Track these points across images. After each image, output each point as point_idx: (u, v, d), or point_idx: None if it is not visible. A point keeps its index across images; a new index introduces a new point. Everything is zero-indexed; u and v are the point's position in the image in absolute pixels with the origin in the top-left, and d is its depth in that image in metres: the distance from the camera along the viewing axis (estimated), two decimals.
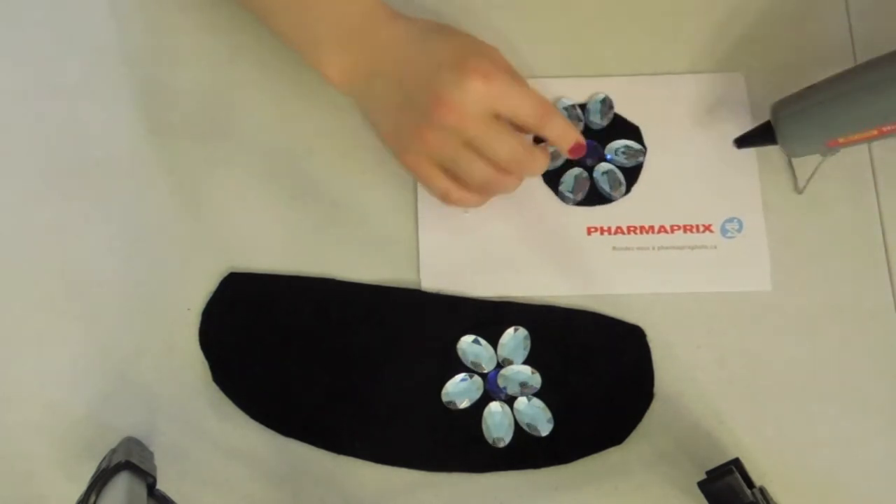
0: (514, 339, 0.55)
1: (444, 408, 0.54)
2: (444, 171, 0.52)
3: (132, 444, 0.52)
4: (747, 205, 0.57)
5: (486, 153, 0.51)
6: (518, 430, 0.54)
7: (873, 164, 0.58)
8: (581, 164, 0.58)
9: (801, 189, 0.57)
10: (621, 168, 0.58)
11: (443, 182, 0.53)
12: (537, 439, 0.54)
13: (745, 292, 0.56)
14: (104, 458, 0.50)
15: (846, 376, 0.55)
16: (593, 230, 0.57)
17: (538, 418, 0.54)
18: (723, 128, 0.58)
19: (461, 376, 0.55)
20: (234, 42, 0.60)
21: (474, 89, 0.48)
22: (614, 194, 0.57)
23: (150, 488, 0.47)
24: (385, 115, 0.53)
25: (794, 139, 0.52)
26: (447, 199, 0.54)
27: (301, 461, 0.54)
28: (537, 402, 0.54)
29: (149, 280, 0.56)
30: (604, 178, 0.58)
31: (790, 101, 0.52)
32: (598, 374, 0.55)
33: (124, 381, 0.55)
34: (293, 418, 0.54)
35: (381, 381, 0.55)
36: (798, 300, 0.56)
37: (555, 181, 0.58)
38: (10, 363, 0.55)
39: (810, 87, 0.51)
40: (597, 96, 0.59)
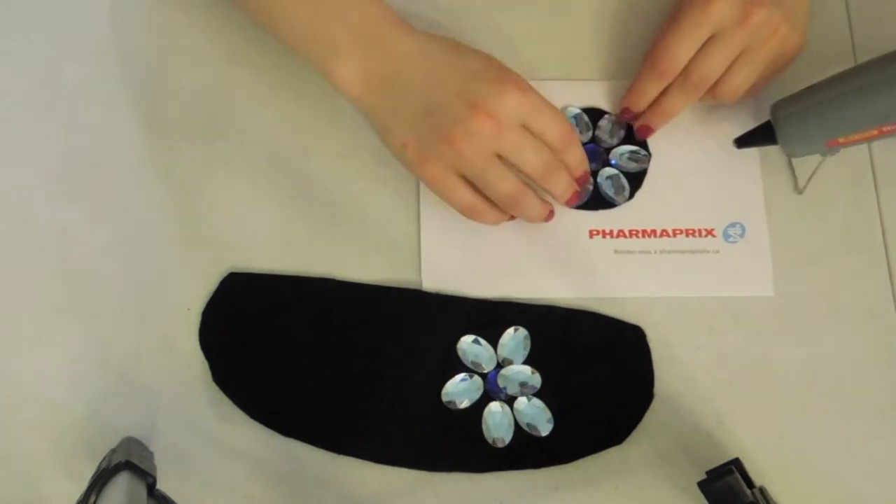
0: (514, 339, 0.55)
1: (444, 408, 0.54)
2: (468, 184, 0.52)
3: (132, 444, 0.52)
4: (750, 210, 0.57)
5: (518, 162, 0.51)
6: (518, 430, 0.54)
7: (873, 164, 0.58)
8: None
9: (802, 189, 0.57)
10: (625, 173, 0.58)
11: (468, 195, 0.52)
12: (537, 439, 0.54)
13: (747, 296, 0.56)
14: (104, 458, 0.50)
15: (846, 376, 0.55)
16: (595, 233, 0.57)
17: (538, 418, 0.54)
18: (726, 133, 0.57)
19: (461, 376, 0.55)
20: (234, 42, 0.60)
21: (512, 99, 0.49)
22: (618, 199, 0.57)
23: (150, 488, 0.47)
24: (405, 123, 0.51)
25: (795, 139, 0.52)
26: (472, 214, 0.53)
27: (301, 461, 0.54)
28: (537, 402, 0.54)
29: (149, 280, 0.57)
30: (608, 182, 0.57)
31: (790, 101, 0.52)
32: (598, 374, 0.55)
33: (124, 381, 0.55)
34: (293, 418, 0.54)
35: (381, 381, 0.55)
36: (798, 300, 0.56)
37: None
38: (10, 363, 0.55)
39: (810, 87, 0.51)
40: (608, 116, 0.58)
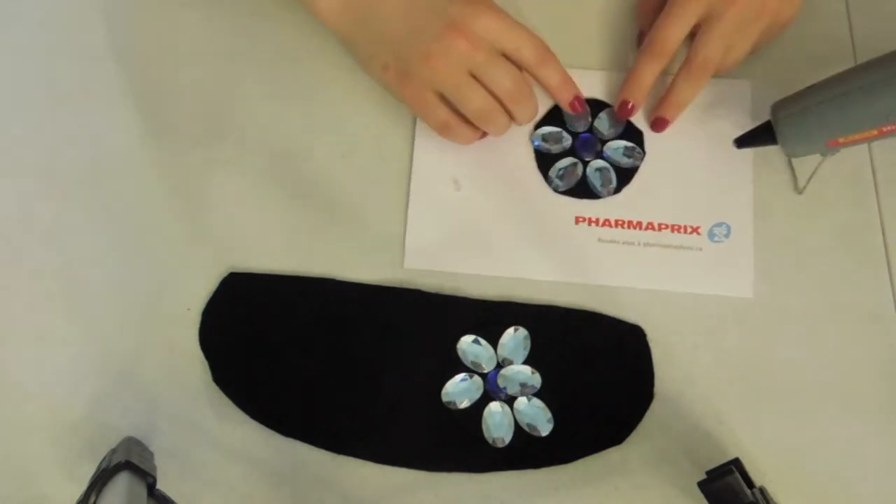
0: (514, 339, 0.55)
1: (444, 408, 0.54)
2: (445, 103, 0.54)
3: (132, 444, 0.52)
4: (738, 211, 0.57)
5: (490, 82, 0.53)
6: (518, 430, 0.54)
7: (873, 164, 0.58)
8: (578, 157, 0.58)
9: (802, 189, 0.57)
10: (616, 167, 0.58)
11: (443, 111, 0.54)
12: (537, 439, 0.54)
13: (726, 296, 0.56)
14: (104, 458, 0.50)
15: (846, 376, 0.55)
16: (581, 220, 0.57)
17: (538, 418, 0.54)
18: (724, 133, 0.58)
19: (461, 376, 0.55)
20: (234, 42, 0.60)
21: (486, 20, 0.52)
22: (603, 192, 0.57)
23: (150, 488, 0.47)
24: (385, 46, 0.54)
25: (795, 139, 0.52)
26: (445, 131, 0.55)
27: (301, 461, 0.54)
28: (537, 402, 0.54)
29: (149, 280, 0.57)
30: (596, 174, 0.58)
31: (790, 101, 0.52)
32: (598, 374, 0.55)
33: (124, 381, 0.55)
34: (293, 418, 0.54)
35: (381, 380, 0.55)
36: (798, 300, 0.56)
37: (546, 166, 0.58)
38: (10, 363, 0.55)
39: (810, 87, 0.51)
40: (608, 108, 0.59)
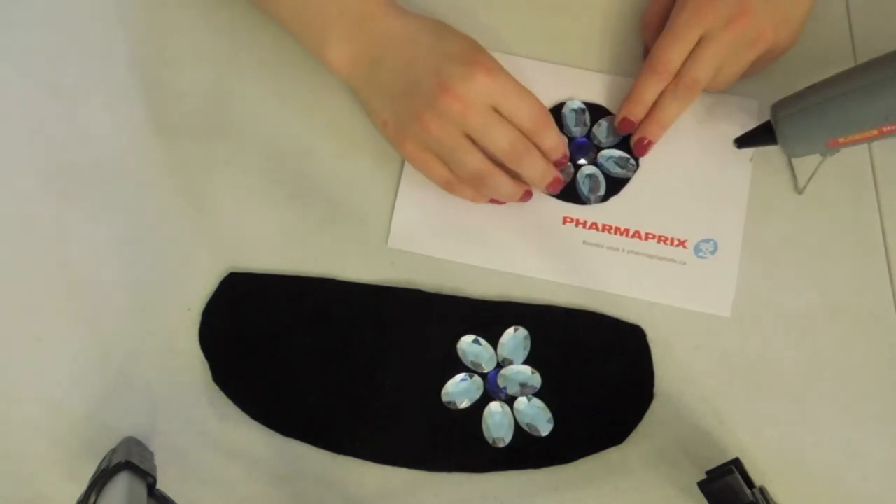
0: (514, 339, 0.55)
1: (444, 408, 0.54)
2: (443, 162, 0.54)
3: (132, 444, 0.52)
4: (728, 229, 0.57)
5: (486, 143, 0.52)
6: (518, 430, 0.54)
7: (873, 164, 0.58)
8: (571, 160, 0.58)
9: (802, 189, 0.57)
10: (607, 176, 0.58)
11: (444, 171, 0.54)
12: (537, 439, 0.54)
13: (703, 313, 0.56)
14: (104, 458, 0.50)
15: (846, 376, 0.55)
16: (569, 220, 0.57)
17: (538, 418, 0.54)
18: (722, 149, 0.57)
19: (461, 376, 0.55)
20: (234, 42, 0.60)
21: (480, 81, 0.51)
22: (590, 197, 0.57)
23: (150, 488, 0.47)
24: (386, 102, 0.54)
25: (795, 139, 0.52)
26: (450, 188, 0.55)
27: (301, 461, 0.54)
28: (537, 402, 0.54)
29: (149, 280, 0.57)
30: (586, 180, 0.58)
31: (790, 101, 0.52)
32: (598, 374, 0.55)
33: (124, 381, 0.55)
34: (293, 418, 0.54)
35: (381, 380, 0.55)
36: (798, 300, 0.56)
37: None
38: (10, 363, 0.56)
39: (810, 87, 0.51)
40: (609, 116, 0.58)
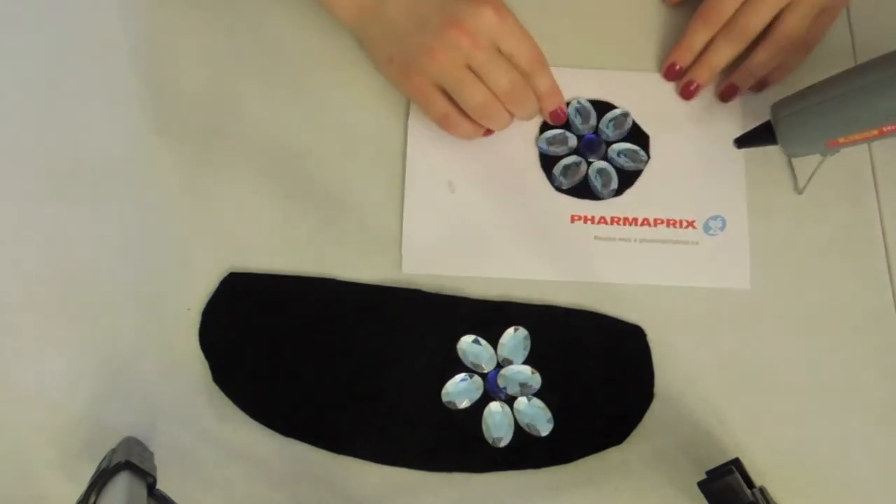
0: (514, 339, 0.55)
1: (444, 408, 0.54)
2: (446, 97, 0.55)
3: (132, 444, 0.52)
4: (732, 203, 0.57)
5: (489, 80, 0.54)
6: (518, 430, 0.54)
7: (873, 164, 0.58)
8: (582, 156, 0.58)
9: (802, 189, 0.57)
10: (619, 170, 0.58)
11: (443, 104, 0.55)
12: (537, 439, 0.54)
13: (724, 288, 0.56)
14: (104, 458, 0.50)
15: (846, 376, 0.55)
16: (577, 218, 0.57)
17: (538, 418, 0.54)
18: (713, 127, 0.58)
19: (461, 376, 0.55)
20: (234, 42, 0.60)
21: (487, 18, 0.53)
22: (603, 193, 0.57)
23: (150, 488, 0.47)
24: (392, 39, 0.55)
25: (795, 139, 0.52)
26: (446, 122, 0.56)
27: (301, 461, 0.54)
28: (537, 402, 0.54)
29: (149, 280, 0.56)
30: (597, 175, 0.58)
31: (790, 101, 0.52)
32: (598, 374, 0.55)
33: (124, 381, 0.55)
34: (293, 418, 0.54)
35: (381, 380, 0.55)
36: (798, 300, 0.56)
37: (550, 165, 0.58)
38: (10, 363, 0.55)
39: (810, 88, 0.51)
40: (614, 111, 0.59)
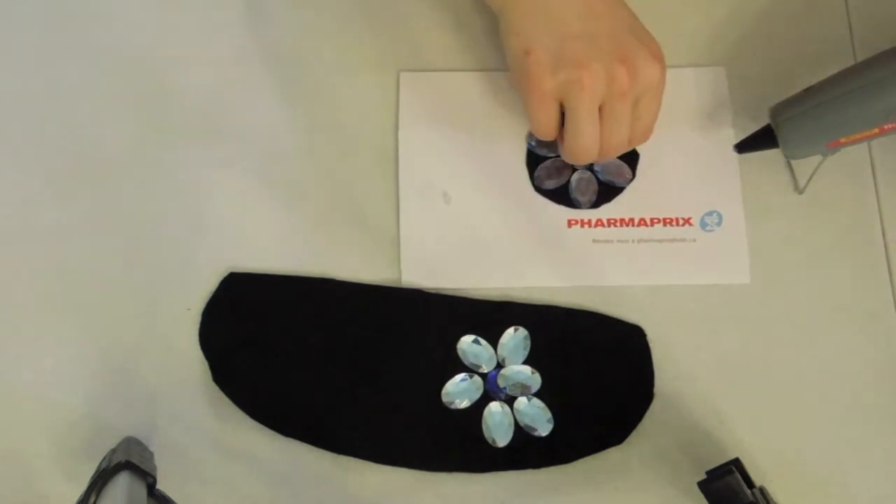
0: (514, 339, 0.55)
1: (444, 408, 0.54)
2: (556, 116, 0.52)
3: (132, 444, 0.52)
4: (726, 198, 0.57)
5: (608, 130, 0.51)
6: (518, 430, 0.54)
7: (873, 163, 0.58)
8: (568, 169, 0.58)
9: (802, 189, 0.57)
10: (601, 183, 0.58)
11: (553, 121, 0.52)
12: (537, 439, 0.54)
13: (725, 284, 0.56)
14: (104, 458, 0.50)
15: (846, 376, 0.55)
16: (574, 222, 0.57)
17: (538, 418, 0.54)
18: (704, 123, 0.58)
19: (461, 376, 0.55)
20: (235, 43, 0.60)
21: (654, 76, 0.50)
22: (582, 201, 0.57)
23: (150, 488, 0.47)
24: (547, 36, 0.50)
25: (795, 142, 0.52)
26: (542, 134, 0.52)
27: (301, 461, 0.54)
28: (537, 402, 0.54)
29: (149, 280, 0.56)
30: (580, 183, 0.57)
31: (789, 103, 0.51)
32: (598, 374, 0.55)
33: (124, 381, 0.55)
34: (293, 418, 0.54)
35: (381, 381, 0.55)
36: (798, 300, 0.56)
37: (535, 163, 0.58)
38: (10, 363, 0.55)
39: (808, 89, 0.51)
40: None
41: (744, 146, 0.55)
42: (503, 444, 0.54)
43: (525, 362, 0.55)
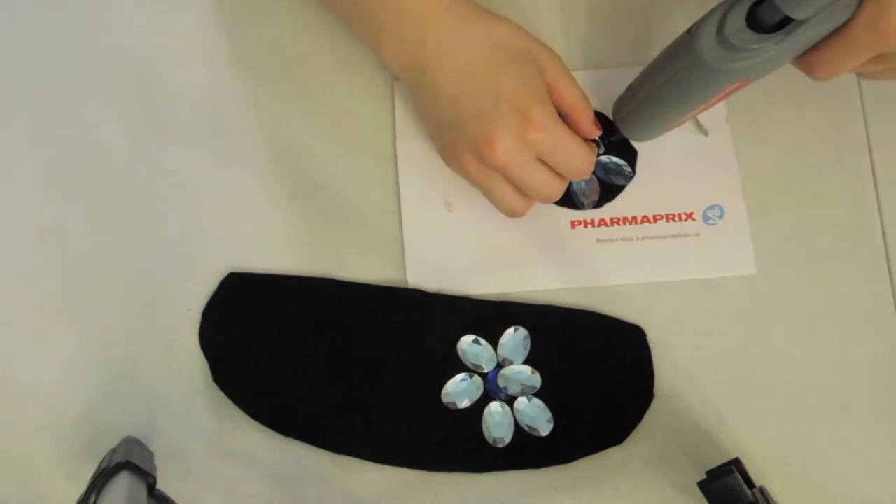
0: (514, 339, 0.55)
1: (444, 408, 0.54)
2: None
3: (132, 444, 0.52)
4: (727, 191, 0.57)
5: (524, 189, 0.51)
6: (518, 430, 0.54)
7: (873, 163, 0.58)
8: None
9: (706, 132, 0.57)
10: (602, 182, 0.58)
11: (501, 187, 0.52)
12: (537, 439, 0.54)
13: (732, 278, 0.56)
14: (104, 458, 0.50)
15: (846, 376, 0.55)
16: (577, 223, 0.57)
17: (538, 418, 0.54)
18: (699, 117, 0.58)
19: (461, 376, 0.55)
20: (234, 42, 0.60)
21: (529, 140, 0.48)
22: (585, 202, 0.57)
23: (150, 488, 0.47)
24: (433, 122, 0.53)
25: (639, 134, 0.52)
26: (499, 204, 0.53)
27: (301, 461, 0.54)
28: (537, 402, 0.54)
29: (149, 280, 0.57)
30: (580, 185, 0.58)
31: (621, 103, 0.52)
32: (598, 374, 0.55)
33: (124, 381, 0.55)
34: (293, 418, 0.54)
35: (381, 380, 0.55)
36: (798, 301, 0.56)
37: None
38: (10, 363, 0.56)
39: (629, 88, 0.51)
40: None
41: (605, 134, 0.53)
42: (503, 444, 0.54)
43: (525, 362, 0.55)
